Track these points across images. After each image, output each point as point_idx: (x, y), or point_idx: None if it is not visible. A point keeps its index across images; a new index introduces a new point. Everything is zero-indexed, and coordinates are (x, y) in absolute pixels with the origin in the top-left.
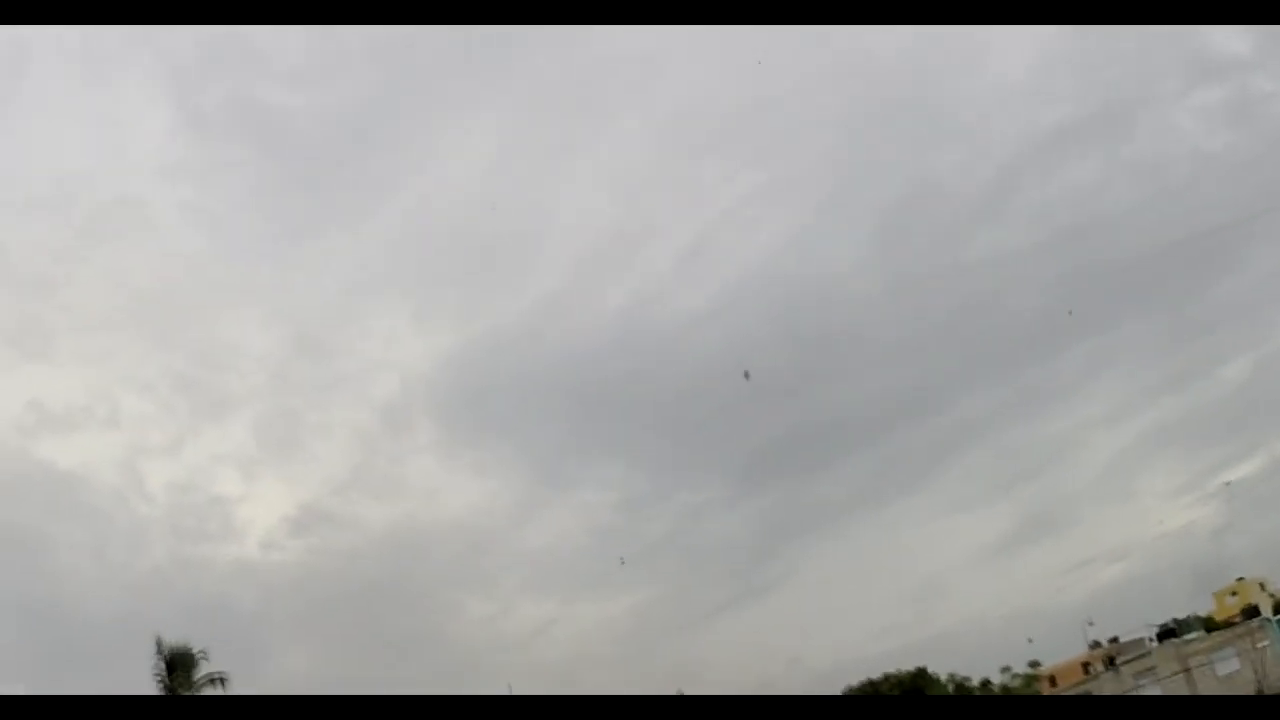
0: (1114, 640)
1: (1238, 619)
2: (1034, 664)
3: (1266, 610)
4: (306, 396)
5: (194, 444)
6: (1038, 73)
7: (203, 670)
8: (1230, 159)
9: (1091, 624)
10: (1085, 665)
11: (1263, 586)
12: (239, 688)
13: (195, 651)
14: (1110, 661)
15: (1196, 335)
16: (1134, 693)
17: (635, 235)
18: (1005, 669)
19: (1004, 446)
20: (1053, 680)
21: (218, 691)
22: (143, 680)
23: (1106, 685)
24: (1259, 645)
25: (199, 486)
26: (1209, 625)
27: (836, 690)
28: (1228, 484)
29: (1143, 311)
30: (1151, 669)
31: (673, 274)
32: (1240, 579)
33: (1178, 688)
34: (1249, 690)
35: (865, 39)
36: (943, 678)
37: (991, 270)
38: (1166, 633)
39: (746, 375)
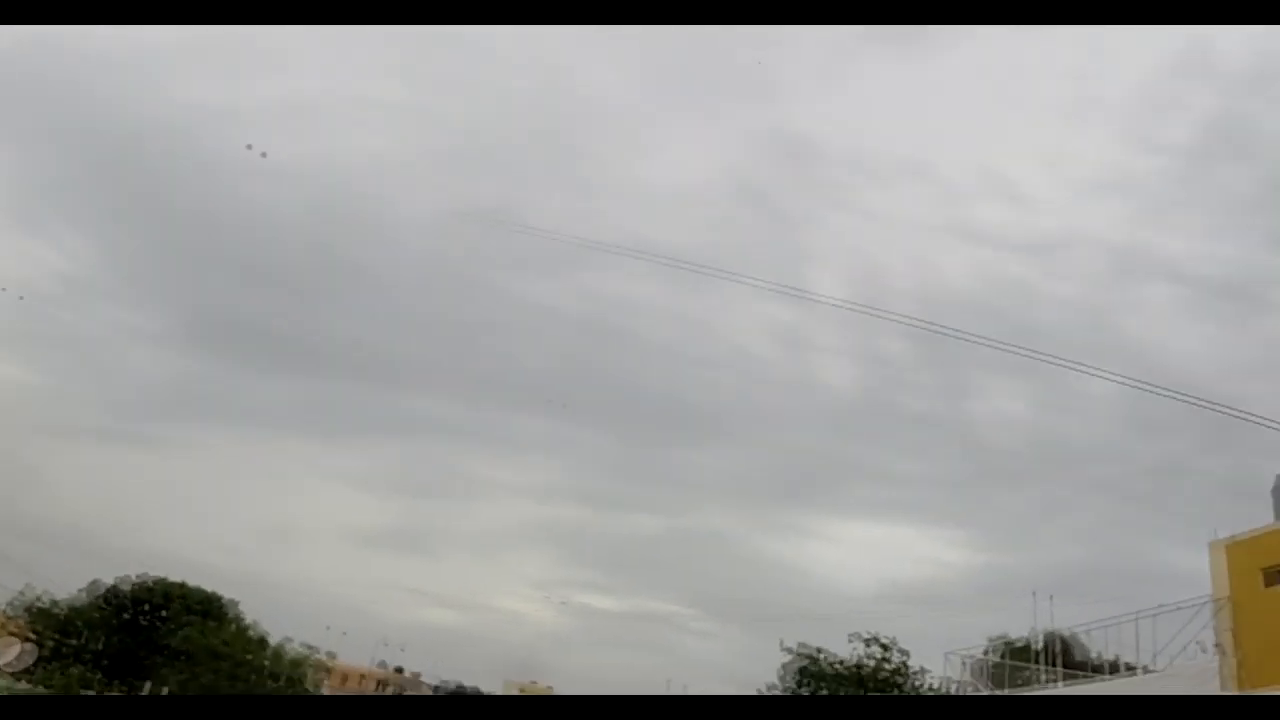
0: (399, 669)
1: None
2: (332, 655)
3: None
4: None
5: None
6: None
7: None
8: None
9: (387, 644)
10: (361, 675)
11: None
12: None
13: None
14: (382, 685)
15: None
16: None
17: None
18: (288, 639)
19: (426, 455)
20: (328, 670)
21: None
22: None
23: None
24: None
25: None
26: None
27: (101, 572)
28: (564, 603)
29: (602, 427)
30: None
31: (251, 113)
32: (533, 682)
33: None
34: None
35: None
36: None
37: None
38: (459, 692)
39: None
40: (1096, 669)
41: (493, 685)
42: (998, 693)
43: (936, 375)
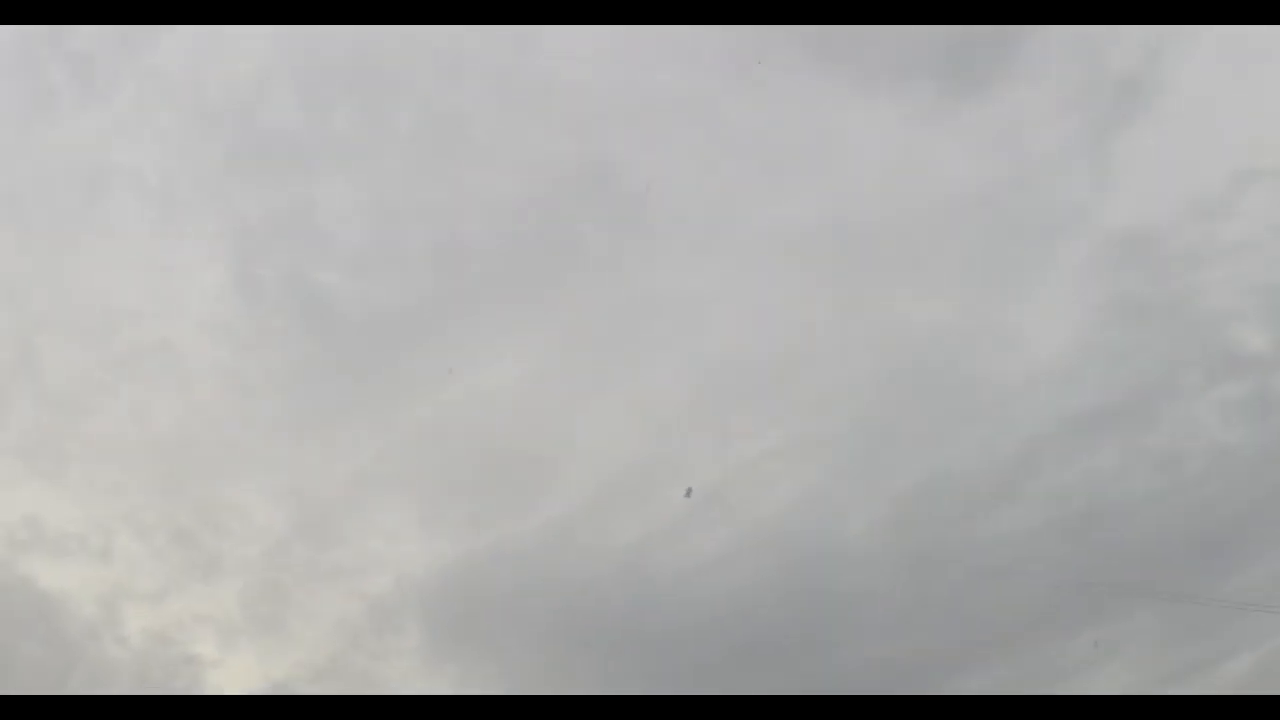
0: None
1: None
2: None
3: None
4: (299, 576)
5: (179, 597)
6: (1067, 358)
7: None
8: (1247, 454)
9: None
10: None
11: None
12: None
13: None
14: None
15: (1200, 630)
16: None
17: (655, 475)
18: None
19: None
20: None
21: None
22: None
23: None
24: None
25: (175, 641)
26: None
27: None
28: None
29: (1151, 602)
30: None
31: (686, 518)
32: None
33: None
34: None
35: (901, 308)
36: None
37: (1003, 549)
38: None
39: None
40: None
41: None
42: None
43: None
